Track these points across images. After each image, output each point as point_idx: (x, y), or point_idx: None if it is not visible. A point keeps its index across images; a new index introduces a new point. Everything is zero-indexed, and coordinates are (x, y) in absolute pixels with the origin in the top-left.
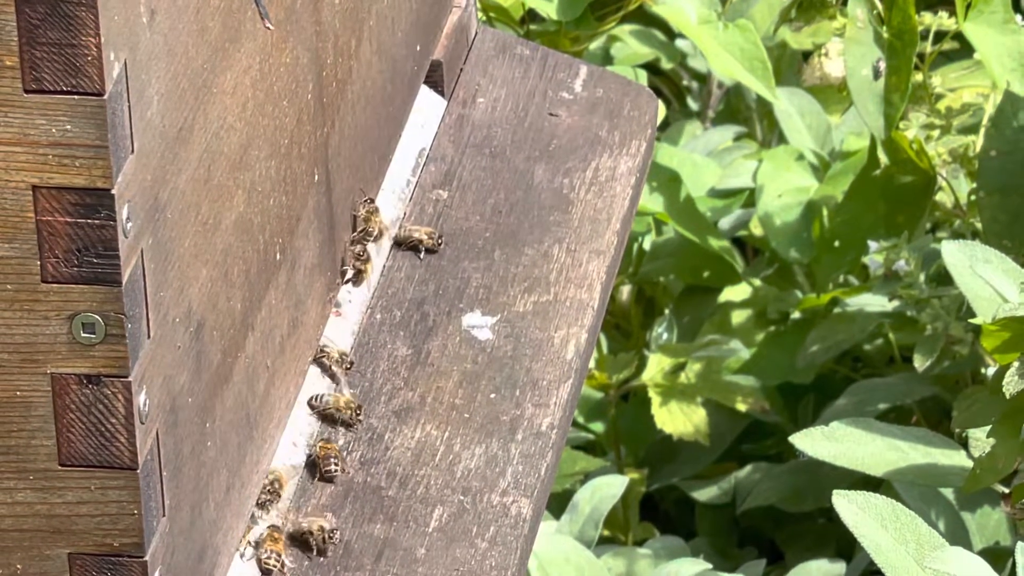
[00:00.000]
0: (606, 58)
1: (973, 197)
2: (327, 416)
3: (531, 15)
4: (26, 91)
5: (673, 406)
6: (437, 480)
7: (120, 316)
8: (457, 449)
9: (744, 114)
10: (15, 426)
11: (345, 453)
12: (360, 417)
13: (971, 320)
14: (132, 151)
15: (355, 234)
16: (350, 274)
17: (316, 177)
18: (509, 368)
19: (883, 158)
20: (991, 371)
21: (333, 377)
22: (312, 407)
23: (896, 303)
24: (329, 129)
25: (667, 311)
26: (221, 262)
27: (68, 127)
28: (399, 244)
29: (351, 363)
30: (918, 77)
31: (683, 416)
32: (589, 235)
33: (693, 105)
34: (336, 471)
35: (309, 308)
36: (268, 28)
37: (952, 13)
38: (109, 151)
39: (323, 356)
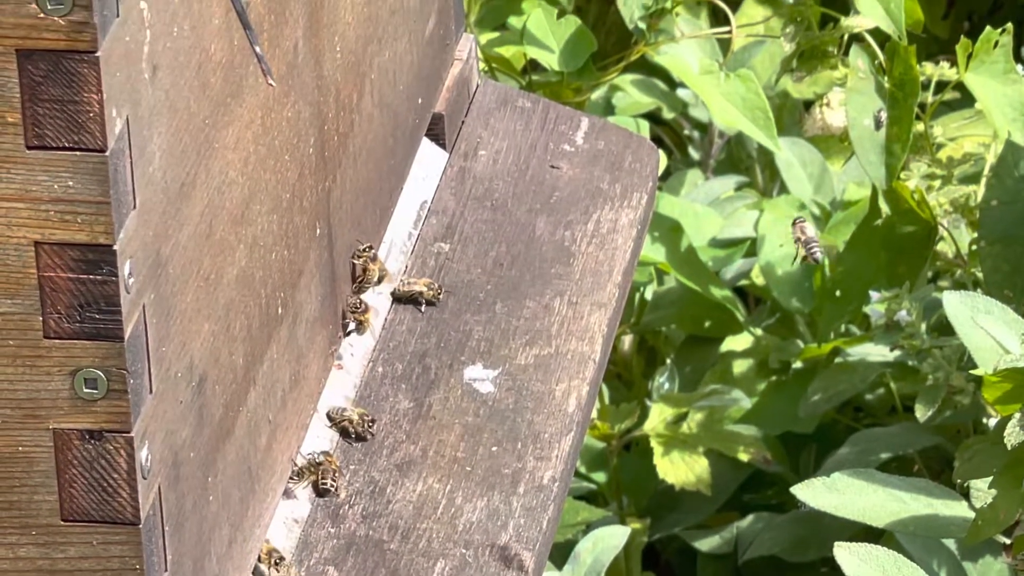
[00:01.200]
0: (608, 107)
1: (975, 247)
2: (343, 429)
3: (533, 65)
4: (28, 147)
5: (675, 456)
6: (439, 533)
7: (122, 372)
8: (459, 502)
9: (745, 163)
10: (17, 481)
11: (347, 507)
12: (372, 430)
13: (972, 371)
14: (134, 207)
15: (355, 284)
16: (351, 326)
17: (318, 231)
18: (511, 421)
19: (884, 208)
20: (993, 422)
21: (359, 438)
22: (331, 419)
23: (898, 353)
24: (331, 183)
25: (669, 361)
26: (223, 317)
27: (70, 183)
28: (399, 299)
29: (372, 421)
30: (919, 127)
31: (685, 466)
32: (591, 288)
33: (695, 154)
34: (332, 487)
35: (311, 362)
36: (271, 85)
37: (953, 63)
38: (111, 207)
39: (344, 421)
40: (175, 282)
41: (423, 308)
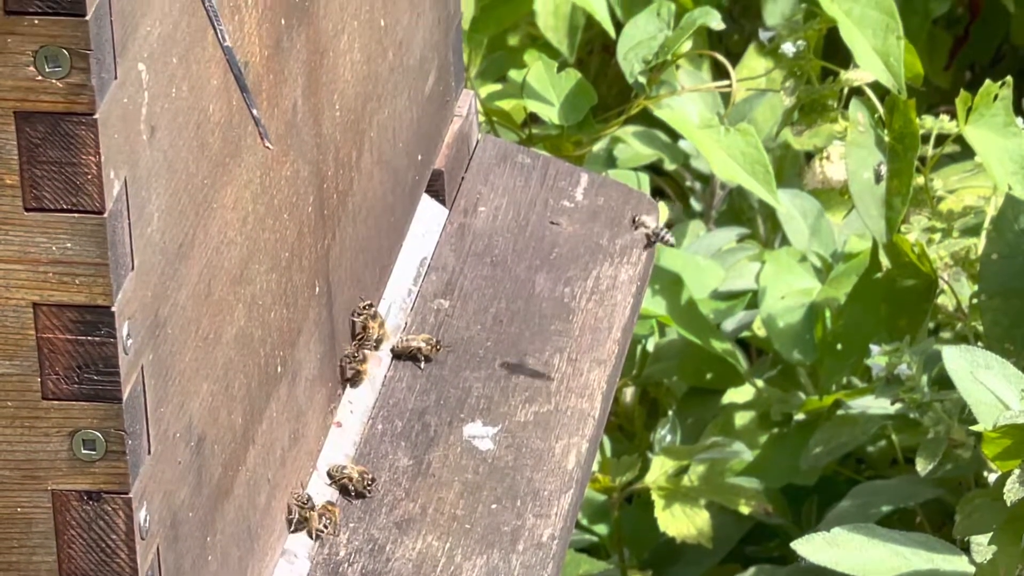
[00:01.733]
0: (609, 159)
1: (975, 300)
2: (342, 487)
3: (533, 118)
4: (27, 209)
5: (676, 508)
6: None
7: (120, 433)
8: (458, 560)
9: (747, 214)
10: (16, 542)
11: (347, 565)
12: (372, 488)
13: (972, 427)
14: (132, 268)
15: (354, 342)
16: (349, 373)
17: (317, 289)
18: (510, 479)
19: (885, 261)
20: (993, 477)
21: (359, 495)
22: (331, 476)
23: (899, 406)
24: (330, 241)
25: (670, 413)
26: (222, 376)
27: (68, 245)
28: (398, 356)
29: (372, 479)
30: (919, 180)
31: (686, 518)
32: (590, 344)
33: (696, 206)
34: (326, 532)
35: (310, 420)
36: (268, 148)
37: (953, 116)
38: (109, 269)
39: (344, 479)
40: (173, 342)
41: (422, 365)
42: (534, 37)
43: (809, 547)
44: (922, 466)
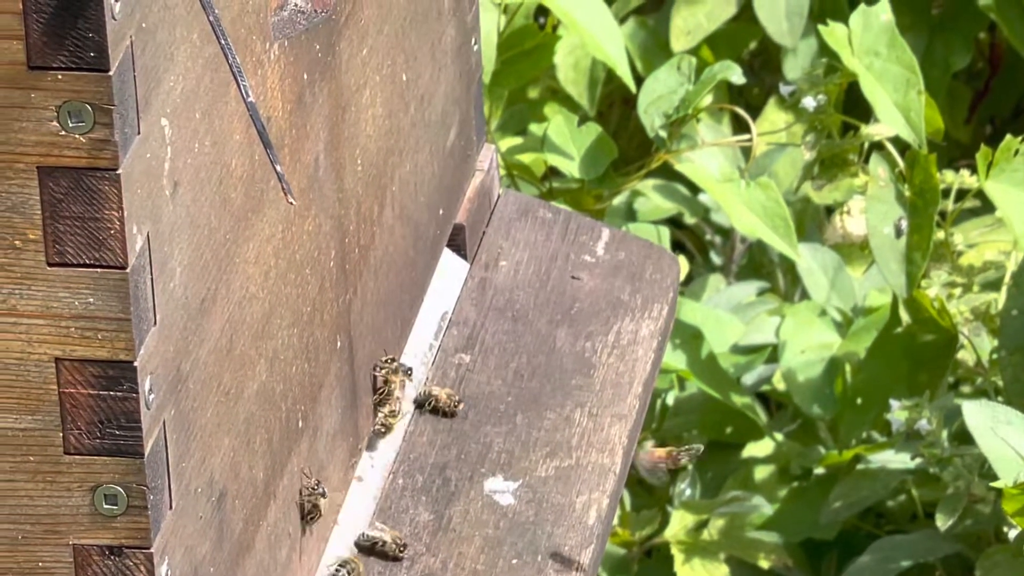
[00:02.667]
0: (629, 212)
1: (995, 355)
2: (377, 553)
3: (553, 171)
4: (49, 264)
5: (696, 563)
6: None
7: (142, 488)
8: None
9: (767, 268)
10: None
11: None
12: (403, 554)
13: (992, 483)
14: (155, 323)
15: (376, 395)
16: (379, 429)
17: (339, 344)
18: (531, 534)
19: (905, 316)
20: (1014, 532)
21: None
22: (359, 547)
23: (919, 460)
24: (352, 296)
25: (690, 467)
26: (243, 431)
27: (91, 300)
28: (419, 405)
29: (404, 545)
30: (940, 235)
31: (706, 573)
32: (611, 399)
33: (716, 259)
34: (391, 553)
35: (331, 475)
36: (291, 203)
37: (974, 170)
38: (132, 324)
39: (383, 547)
40: (195, 398)
41: (440, 416)
42: (554, 90)
43: None
44: (942, 521)
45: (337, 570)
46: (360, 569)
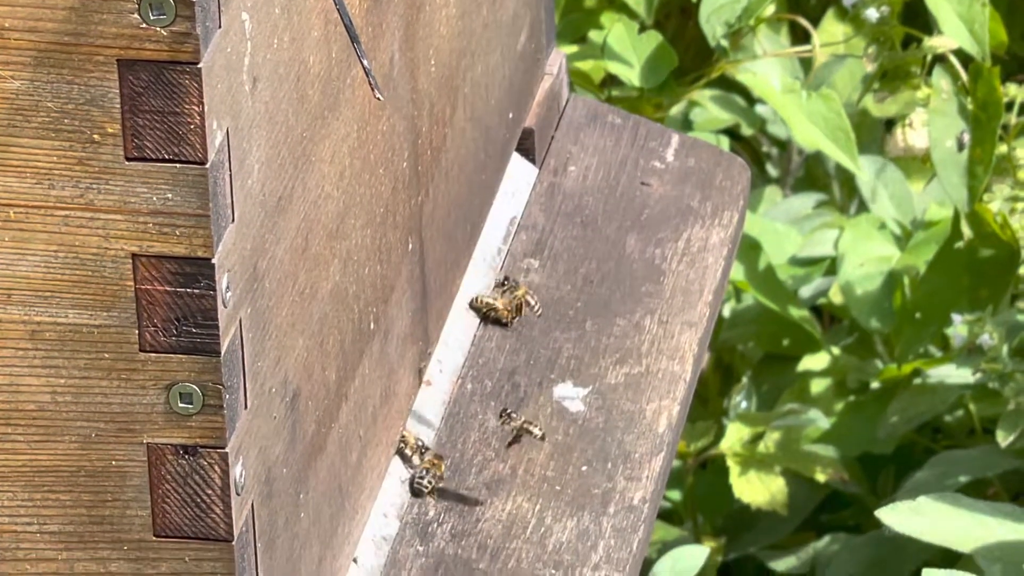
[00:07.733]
0: (686, 123)
1: None
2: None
3: (612, 79)
4: (127, 159)
5: (751, 475)
6: (528, 554)
7: (218, 387)
8: (548, 522)
9: (824, 180)
10: (110, 496)
11: (436, 524)
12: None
13: None
14: (233, 220)
15: (417, 471)
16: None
17: (410, 246)
18: (601, 440)
19: (966, 231)
20: None
21: (410, 463)
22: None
23: (978, 376)
24: (423, 197)
25: (745, 379)
26: (317, 332)
27: (169, 196)
28: (476, 310)
29: (426, 448)
30: (1002, 149)
31: (761, 485)
32: (681, 306)
33: (772, 171)
34: (426, 487)
35: (401, 378)
36: (378, 98)
37: None
38: (210, 220)
39: (402, 444)
40: (271, 296)
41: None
42: None
43: (894, 516)
44: (1003, 437)
45: (424, 472)
46: (441, 472)
